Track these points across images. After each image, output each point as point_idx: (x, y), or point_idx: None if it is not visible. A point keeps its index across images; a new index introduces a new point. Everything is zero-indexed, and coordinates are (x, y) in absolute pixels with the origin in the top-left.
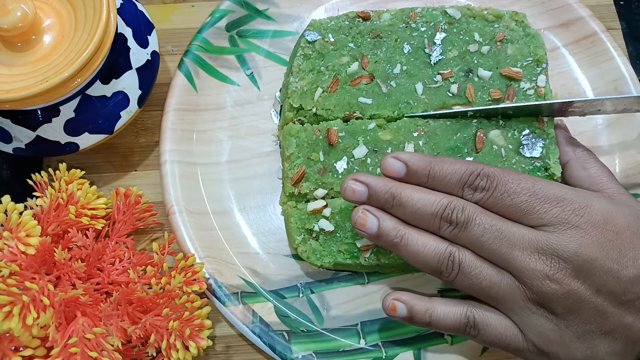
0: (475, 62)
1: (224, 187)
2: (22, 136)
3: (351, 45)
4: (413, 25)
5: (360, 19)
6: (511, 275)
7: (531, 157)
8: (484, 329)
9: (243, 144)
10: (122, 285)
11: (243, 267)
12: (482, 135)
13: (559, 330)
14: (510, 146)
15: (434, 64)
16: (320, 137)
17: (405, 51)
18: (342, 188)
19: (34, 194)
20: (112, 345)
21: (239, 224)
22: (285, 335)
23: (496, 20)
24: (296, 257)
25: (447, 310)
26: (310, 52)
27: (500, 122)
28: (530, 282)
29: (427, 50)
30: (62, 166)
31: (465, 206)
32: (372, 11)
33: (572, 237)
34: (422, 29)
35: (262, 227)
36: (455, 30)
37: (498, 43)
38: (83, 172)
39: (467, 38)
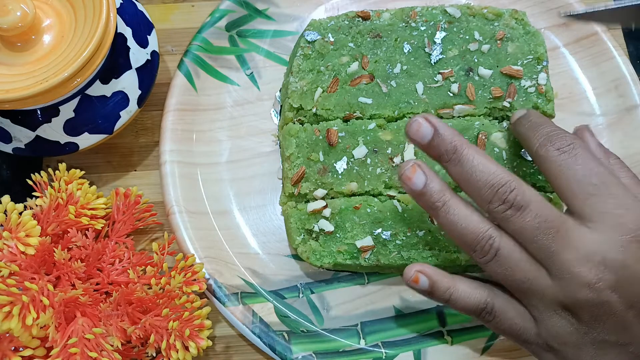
0: (476, 61)
1: (224, 187)
2: (22, 136)
3: (351, 45)
4: (413, 24)
5: (360, 19)
6: (548, 274)
7: (532, 160)
8: (500, 317)
9: (243, 144)
10: (122, 286)
11: (243, 268)
12: (483, 137)
13: (576, 334)
14: (512, 149)
15: (434, 63)
16: (320, 137)
17: (405, 51)
18: (409, 123)
19: (34, 194)
20: (112, 346)
21: (238, 224)
22: (285, 335)
23: (496, 18)
24: (296, 257)
25: (468, 292)
26: (310, 52)
27: (504, 124)
28: (567, 286)
29: (427, 50)
30: (62, 166)
31: (526, 190)
32: (371, 11)
33: (626, 248)
34: (422, 28)
35: (262, 227)
36: (455, 29)
37: (498, 41)
38: (83, 172)
39: (467, 37)
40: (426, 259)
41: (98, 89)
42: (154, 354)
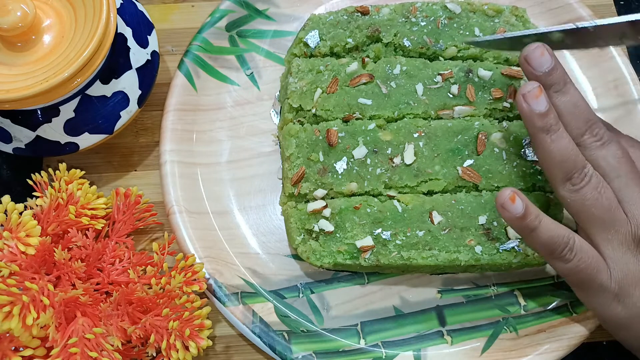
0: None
1: (224, 187)
2: (22, 136)
3: (349, 40)
4: (413, 19)
5: (359, 14)
6: (623, 210)
7: (532, 160)
8: (580, 255)
9: (243, 144)
10: (122, 285)
11: (243, 267)
12: (483, 137)
13: None
14: (512, 149)
15: (434, 59)
16: (320, 138)
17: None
18: (532, 47)
19: (34, 194)
20: (112, 346)
21: (239, 224)
22: (285, 335)
23: (496, 15)
24: (296, 257)
25: (555, 225)
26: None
27: (504, 124)
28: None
29: (428, 44)
30: (62, 166)
31: (610, 132)
32: (371, 6)
33: None
34: (422, 24)
35: (262, 227)
36: (455, 25)
37: None
38: (83, 172)
39: (467, 33)
40: (426, 259)
41: (98, 89)
42: (154, 354)
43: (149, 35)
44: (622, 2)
